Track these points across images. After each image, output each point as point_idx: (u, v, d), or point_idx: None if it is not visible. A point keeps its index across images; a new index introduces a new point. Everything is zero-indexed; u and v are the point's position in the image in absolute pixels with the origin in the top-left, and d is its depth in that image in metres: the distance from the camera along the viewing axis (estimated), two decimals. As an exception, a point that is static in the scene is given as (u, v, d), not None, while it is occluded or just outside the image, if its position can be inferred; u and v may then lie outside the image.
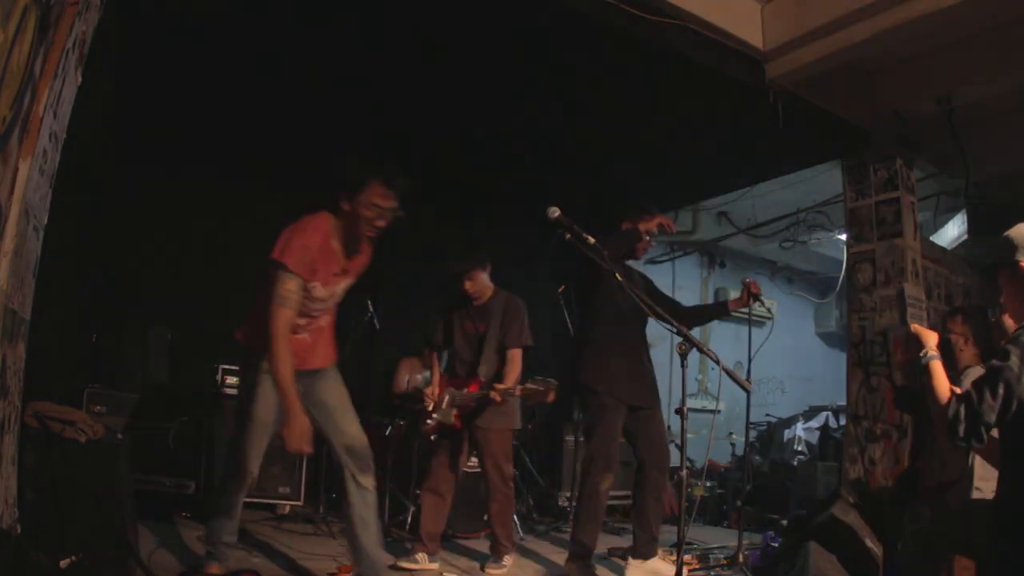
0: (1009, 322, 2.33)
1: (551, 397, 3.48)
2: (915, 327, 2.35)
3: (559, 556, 4.13)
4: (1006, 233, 2.14)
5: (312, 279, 2.63)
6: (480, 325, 3.78)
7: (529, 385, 3.47)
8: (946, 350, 3.03)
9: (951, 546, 2.62)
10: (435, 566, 3.57)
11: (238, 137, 5.06)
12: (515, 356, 3.71)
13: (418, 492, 3.98)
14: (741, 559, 3.91)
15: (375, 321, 4.69)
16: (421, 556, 3.56)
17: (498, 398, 3.48)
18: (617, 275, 2.89)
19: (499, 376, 3.65)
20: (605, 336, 3.60)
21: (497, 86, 4.42)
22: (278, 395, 2.56)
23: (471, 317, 3.82)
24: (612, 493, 5.61)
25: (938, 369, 2.15)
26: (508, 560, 3.75)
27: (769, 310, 4.54)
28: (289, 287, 2.55)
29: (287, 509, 4.51)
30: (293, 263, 2.55)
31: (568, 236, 2.85)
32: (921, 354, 2.20)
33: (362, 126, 4.93)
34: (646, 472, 3.60)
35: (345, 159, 2.91)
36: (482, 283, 3.80)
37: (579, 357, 3.69)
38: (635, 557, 3.58)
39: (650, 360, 3.76)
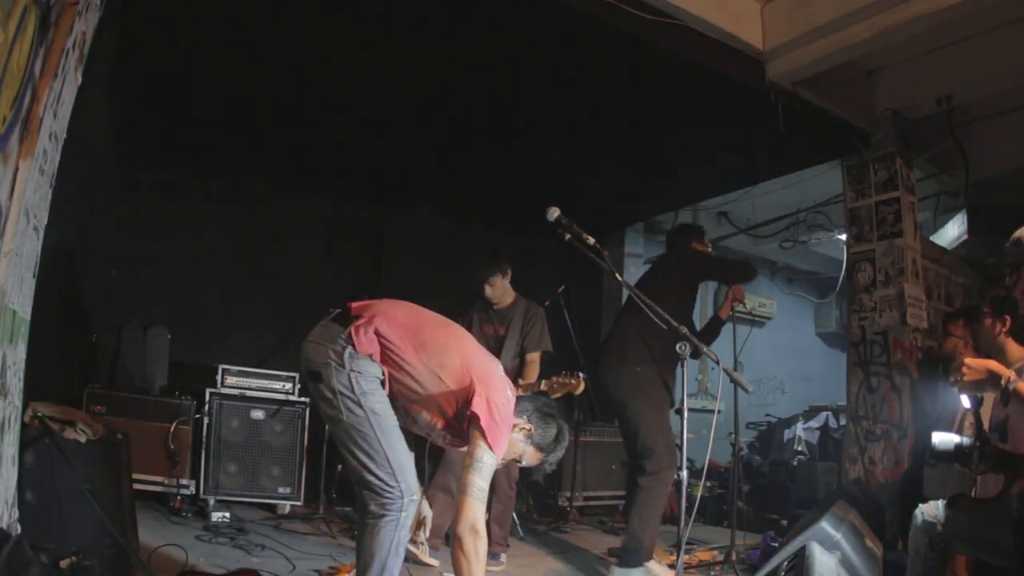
0: None
1: (582, 387, 3.51)
2: (975, 362, 2.20)
3: (559, 556, 4.14)
4: None
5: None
6: (500, 329, 3.92)
7: (560, 378, 3.52)
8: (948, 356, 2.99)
9: (973, 546, 2.56)
10: (435, 562, 3.57)
11: (238, 137, 5.06)
12: (535, 359, 3.89)
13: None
14: (735, 558, 3.93)
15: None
16: (422, 547, 3.56)
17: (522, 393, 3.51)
18: (617, 275, 2.89)
19: (515, 380, 3.67)
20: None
21: (495, 86, 4.41)
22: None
23: (491, 320, 3.97)
24: (611, 493, 5.67)
25: None
26: (504, 557, 3.81)
27: (751, 312, 4.59)
28: (490, 478, 2.22)
29: (287, 509, 4.51)
30: (500, 452, 2.27)
31: (568, 236, 2.84)
32: (1003, 382, 2.11)
33: (362, 127, 4.93)
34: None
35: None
36: (502, 289, 3.96)
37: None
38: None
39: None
